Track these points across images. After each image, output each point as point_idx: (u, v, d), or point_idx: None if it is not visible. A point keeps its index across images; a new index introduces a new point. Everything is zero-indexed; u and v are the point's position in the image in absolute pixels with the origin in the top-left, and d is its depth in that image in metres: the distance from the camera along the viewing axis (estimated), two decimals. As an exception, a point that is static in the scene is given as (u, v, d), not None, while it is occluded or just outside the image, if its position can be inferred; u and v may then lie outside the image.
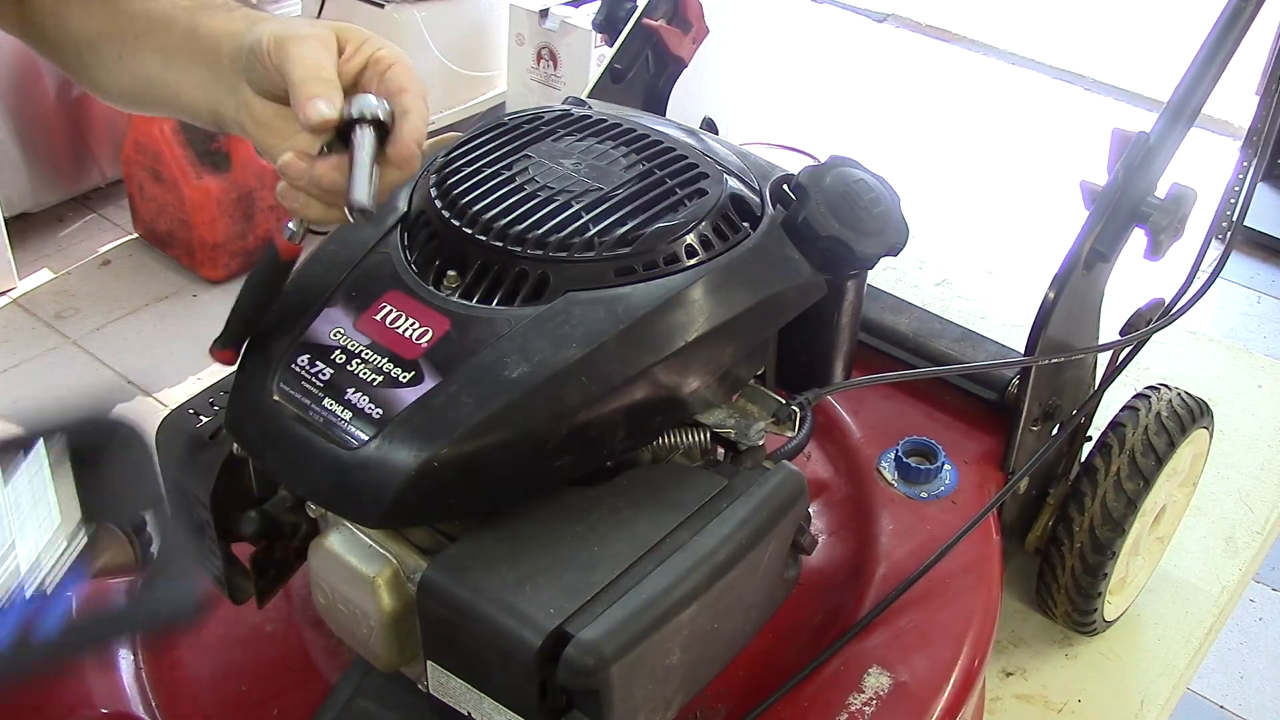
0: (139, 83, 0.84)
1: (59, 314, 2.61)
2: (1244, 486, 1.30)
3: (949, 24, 3.99)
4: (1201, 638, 1.14)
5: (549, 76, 2.80)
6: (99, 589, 0.92)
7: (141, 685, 0.86)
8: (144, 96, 0.85)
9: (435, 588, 0.67)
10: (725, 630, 0.72)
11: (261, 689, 0.85)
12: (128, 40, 0.83)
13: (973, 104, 3.60)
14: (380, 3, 2.72)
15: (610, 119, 0.84)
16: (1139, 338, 1.02)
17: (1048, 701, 1.06)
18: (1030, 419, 1.00)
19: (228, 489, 0.77)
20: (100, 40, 0.84)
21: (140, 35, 0.82)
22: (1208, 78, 0.96)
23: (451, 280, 0.74)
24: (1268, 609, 2.09)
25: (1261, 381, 1.44)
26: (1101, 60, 3.74)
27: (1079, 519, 1.03)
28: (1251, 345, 2.12)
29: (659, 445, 0.78)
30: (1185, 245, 0.99)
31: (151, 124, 2.60)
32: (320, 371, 0.71)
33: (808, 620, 0.90)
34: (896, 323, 1.12)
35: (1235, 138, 3.21)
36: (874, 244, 0.81)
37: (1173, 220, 0.95)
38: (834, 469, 1.03)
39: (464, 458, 0.67)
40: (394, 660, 0.73)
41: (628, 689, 0.64)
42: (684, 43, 1.26)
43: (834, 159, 0.84)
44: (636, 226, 0.75)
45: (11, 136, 2.73)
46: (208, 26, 0.79)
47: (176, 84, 0.81)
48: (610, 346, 0.70)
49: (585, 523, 0.70)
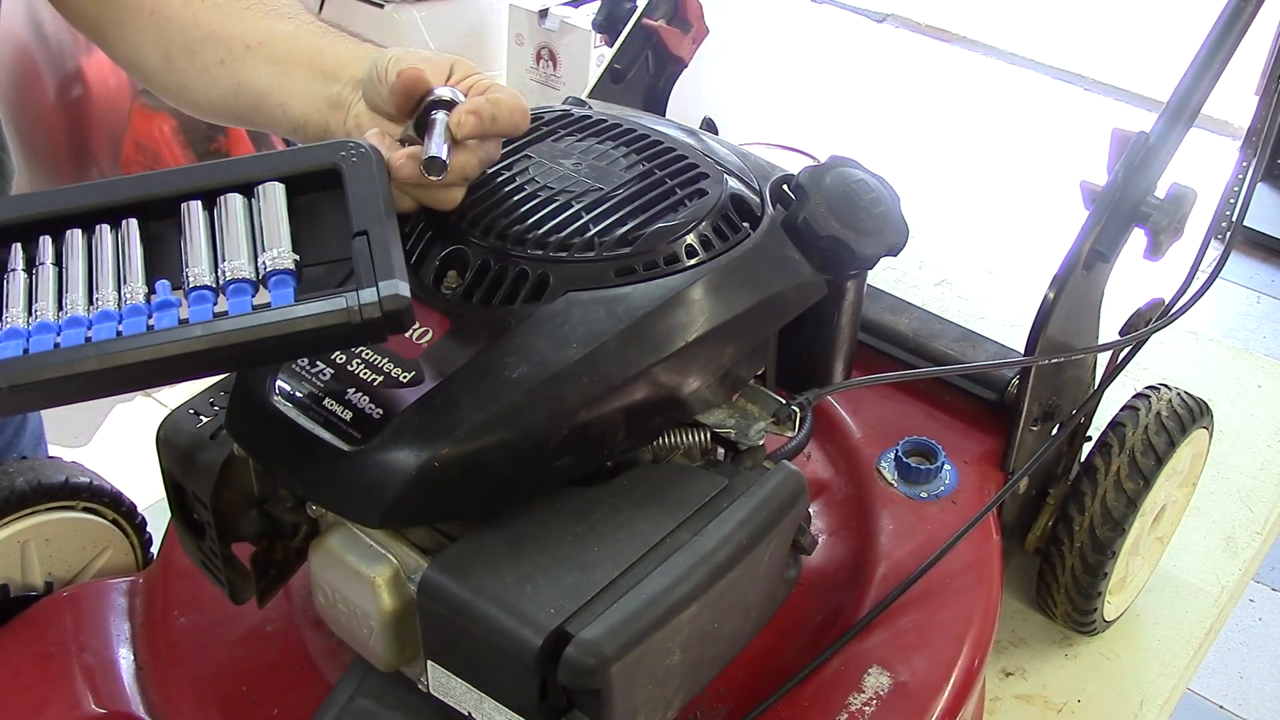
0: (241, 92, 0.85)
1: (59, 314, 2.61)
2: (1244, 486, 1.30)
3: (949, 24, 3.99)
4: (1201, 638, 1.14)
5: (549, 77, 2.80)
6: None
7: (141, 685, 0.86)
8: (239, 105, 0.86)
9: (435, 588, 0.67)
10: (726, 630, 0.72)
11: (261, 689, 0.85)
12: (237, 48, 0.85)
13: (973, 104, 3.60)
14: (380, 3, 2.72)
15: (610, 119, 0.84)
16: (1139, 338, 1.02)
17: (1048, 701, 1.06)
18: (1030, 419, 1.00)
19: (228, 489, 0.77)
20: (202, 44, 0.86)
21: (254, 46, 0.84)
22: (1208, 78, 0.96)
23: (451, 280, 0.74)
24: (1268, 609, 2.09)
25: (1261, 381, 1.44)
26: (1101, 60, 3.75)
27: (1079, 519, 1.03)
28: (1251, 345, 2.12)
29: (659, 445, 0.78)
30: (1185, 245, 0.99)
31: (151, 124, 2.60)
32: (320, 371, 0.71)
33: (808, 620, 0.90)
34: (896, 323, 1.12)
35: (1235, 138, 3.21)
36: (874, 244, 0.81)
37: (1173, 220, 0.95)
38: (834, 469, 1.03)
39: (464, 458, 0.68)
40: (394, 660, 0.73)
41: (628, 689, 0.64)
42: (684, 43, 1.26)
43: (834, 159, 0.84)
44: (637, 226, 0.75)
45: (12, 136, 2.72)
46: (335, 50, 0.82)
47: (288, 96, 0.83)
48: (610, 346, 0.71)
49: (586, 523, 0.70)
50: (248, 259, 0.64)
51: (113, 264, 0.65)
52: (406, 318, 0.63)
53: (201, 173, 0.68)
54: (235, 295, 0.63)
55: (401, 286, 0.62)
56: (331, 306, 0.62)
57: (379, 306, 0.62)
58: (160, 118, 2.61)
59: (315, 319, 0.61)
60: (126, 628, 0.90)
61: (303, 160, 0.69)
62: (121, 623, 0.90)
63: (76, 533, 0.95)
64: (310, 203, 0.68)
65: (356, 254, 0.64)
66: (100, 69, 2.83)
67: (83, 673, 0.86)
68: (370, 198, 0.66)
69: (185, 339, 0.60)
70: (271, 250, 0.65)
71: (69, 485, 0.93)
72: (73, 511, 0.94)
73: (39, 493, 0.91)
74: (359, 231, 0.65)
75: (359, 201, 0.66)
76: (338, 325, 0.62)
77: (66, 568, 0.95)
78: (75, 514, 0.94)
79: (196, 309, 0.62)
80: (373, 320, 0.62)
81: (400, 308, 0.62)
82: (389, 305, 0.62)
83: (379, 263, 0.63)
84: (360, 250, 0.64)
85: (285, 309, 0.62)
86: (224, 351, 0.61)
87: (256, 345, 0.61)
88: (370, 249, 0.64)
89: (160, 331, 0.61)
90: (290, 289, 0.63)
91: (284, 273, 0.64)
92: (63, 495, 0.92)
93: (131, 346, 0.60)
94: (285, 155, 0.69)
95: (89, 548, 0.96)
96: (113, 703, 0.85)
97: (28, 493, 0.90)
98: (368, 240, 0.64)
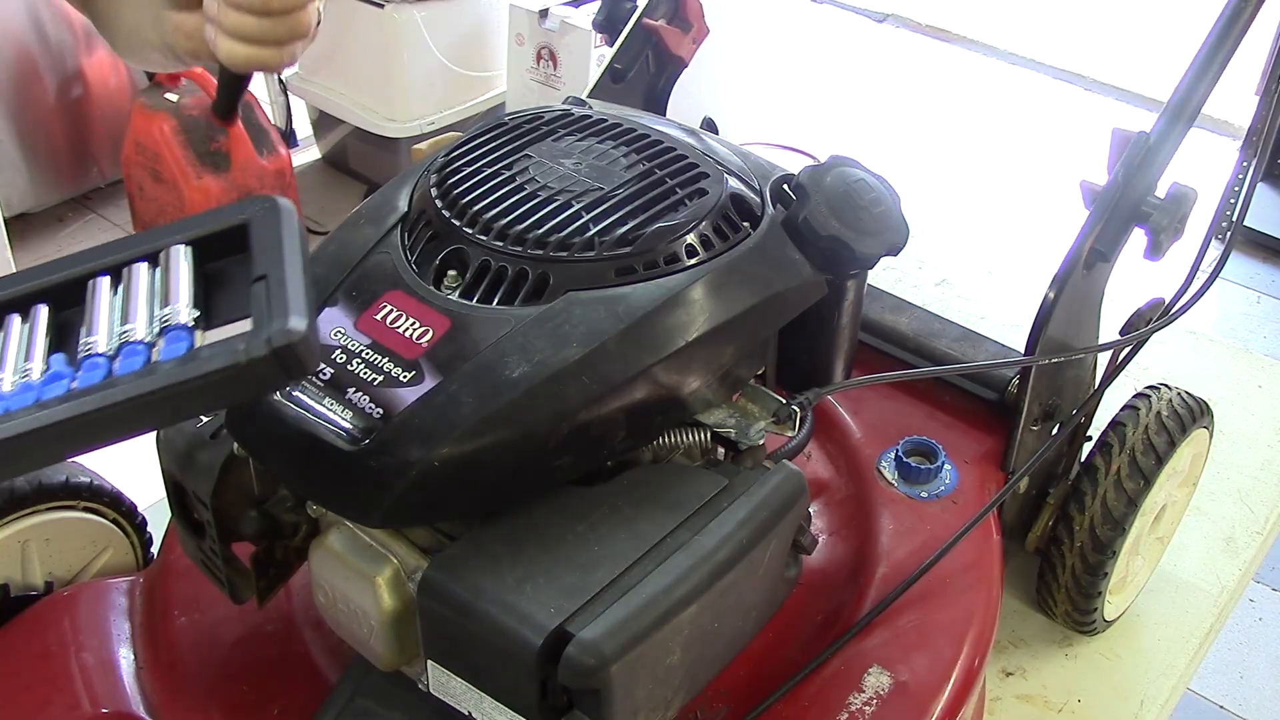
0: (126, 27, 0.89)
1: (59, 314, 2.60)
2: (1244, 486, 1.30)
3: (949, 24, 3.99)
4: (1201, 638, 1.14)
5: (549, 76, 2.80)
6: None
7: (141, 685, 0.86)
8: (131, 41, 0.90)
9: (436, 587, 0.67)
10: (726, 630, 0.72)
11: (261, 689, 0.85)
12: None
13: (973, 104, 3.60)
14: (380, 3, 2.72)
15: (610, 119, 0.84)
16: (1139, 338, 1.02)
17: (1048, 701, 1.06)
18: (1030, 419, 1.00)
19: (228, 489, 0.77)
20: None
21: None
22: (1208, 78, 0.96)
23: (452, 280, 0.74)
24: (1268, 609, 2.09)
25: (1261, 381, 1.44)
26: (1101, 60, 3.75)
27: (1079, 518, 1.03)
28: (1251, 345, 2.12)
29: (659, 445, 0.78)
30: (1185, 245, 0.99)
31: (151, 124, 2.60)
32: (320, 371, 0.71)
33: (808, 620, 0.90)
34: (896, 323, 1.12)
35: (1235, 138, 3.21)
36: (874, 244, 0.81)
37: (1173, 220, 0.95)
38: (834, 469, 1.03)
39: (464, 457, 0.67)
40: (394, 660, 0.73)
41: (628, 688, 0.64)
42: (684, 43, 1.26)
43: (834, 159, 0.84)
44: (637, 226, 0.75)
45: (11, 136, 2.73)
46: None
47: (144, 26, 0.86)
48: (611, 346, 0.71)
49: (586, 522, 0.70)
50: (145, 322, 0.62)
51: (16, 350, 0.63)
52: (305, 355, 0.58)
53: (110, 249, 0.67)
54: (127, 358, 0.60)
55: (295, 321, 0.58)
56: (220, 352, 0.58)
57: (267, 344, 0.57)
58: (160, 117, 2.61)
59: (203, 366, 0.57)
60: (126, 627, 0.90)
61: (211, 222, 0.67)
62: (121, 622, 0.90)
63: (77, 532, 0.95)
64: (224, 266, 0.66)
65: (254, 300, 0.61)
66: (100, 69, 2.84)
67: (83, 673, 0.86)
68: (273, 244, 0.63)
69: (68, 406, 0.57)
70: (168, 308, 0.62)
71: (69, 485, 0.93)
72: (73, 511, 0.94)
73: (39, 493, 0.91)
74: (258, 276, 0.62)
75: (262, 249, 0.64)
76: (227, 370, 0.57)
77: (67, 567, 0.96)
78: (75, 514, 0.94)
79: (87, 376, 0.59)
80: (260, 361, 0.57)
81: (290, 341, 0.57)
82: (277, 341, 0.57)
83: (274, 303, 0.59)
84: (258, 295, 0.61)
85: (174, 363, 0.59)
86: (111, 415, 0.57)
87: (146, 404, 0.58)
88: (267, 291, 0.60)
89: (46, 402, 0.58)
90: (184, 343, 0.60)
91: (178, 328, 0.61)
92: (63, 495, 0.93)
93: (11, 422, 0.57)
94: (194, 220, 0.67)
95: (89, 547, 0.97)
96: (113, 703, 0.85)
97: (28, 493, 0.90)
98: (266, 284, 0.61)
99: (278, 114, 3.07)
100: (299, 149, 3.18)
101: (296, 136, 3.19)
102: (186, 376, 0.57)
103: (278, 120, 3.06)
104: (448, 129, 2.88)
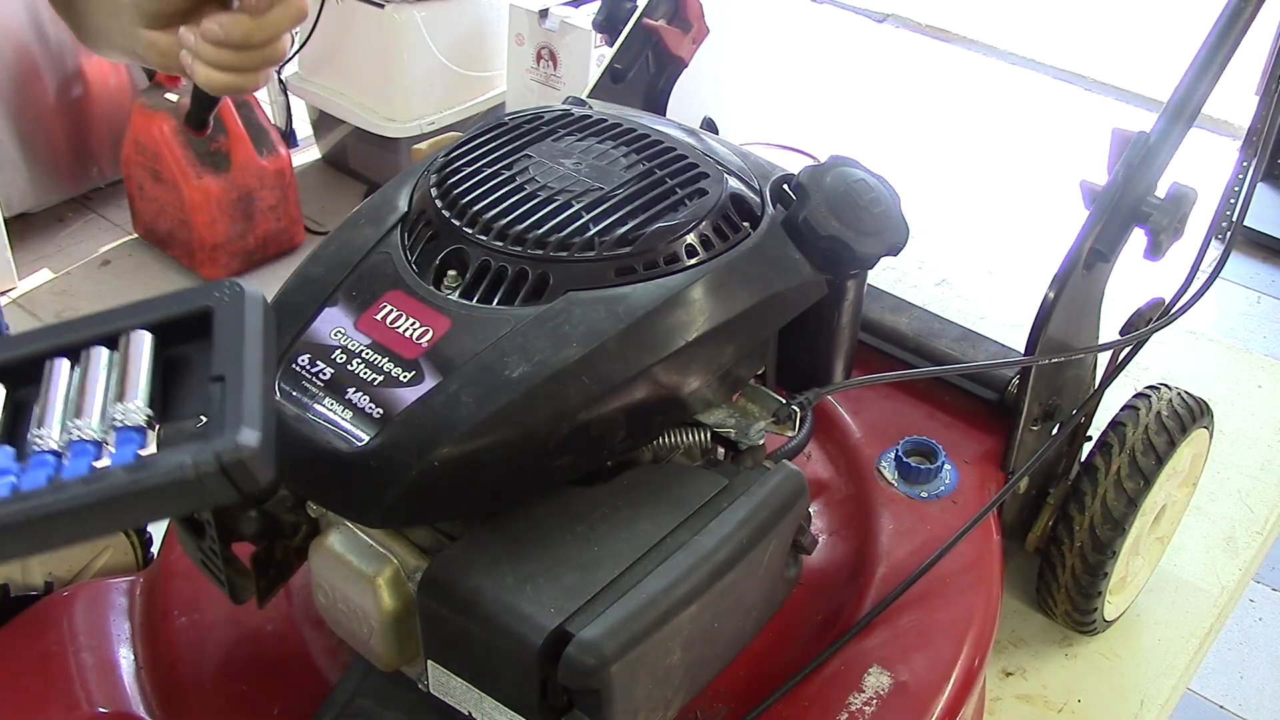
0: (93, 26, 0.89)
1: (59, 314, 2.61)
2: (1244, 486, 1.30)
3: (949, 24, 3.99)
4: (1201, 638, 1.14)
5: (549, 76, 2.80)
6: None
7: (141, 685, 0.86)
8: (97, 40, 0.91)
9: (436, 587, 0.67)
10: (726, 630, 0.72)
11: (261, 689, 0.85)
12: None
13: (973, 104, 3.60)
14: (380, 3, 2.72)
15: (610, 119, 0.84)
16: (1139, 338, 1.02)
17: (1048, 701, 1.06)
18: (1030, 419, 1.00)
19: (228, 489, 0.77)
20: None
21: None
22: (1208, 78, 0.96)
23: (452, 280, 0.74)
24: (1268, 609, 2.09)
25: (1261, 381, 1.44)
26: (1101, 60, 3.75)
27: (1079, 518, 1.03)
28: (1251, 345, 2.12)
29: (659, 445, 0.78)
30: (1185, 245, 1.00)
31: (151, 124, 2.60)
32: (321, 371, 0.71)
33: (808, 620, 0.90)
34: (896, 323, 1.12)
35: (1235, 138, 3.21)
36: (874, 244, 0.81)
37: (1173, 220, 0.95)
38: (834, 469, 1.03)
39: (464, 457, 0.67)
40: (394, 660, 0.73)
41: (628, 688, 0.64)
42: (684, 43, 1.26)
43: (834, 159, 0.84)
44: (637, 226, 0.75)
45: (11, 136, 2.73)
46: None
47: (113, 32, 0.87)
48: (611, 346, 0.71)
49: (586, 522, 0.70)
50: (98, 418, 0.58)
51: None
52: (257, 469, 0.55)
53: (69, 328, 0.63)
54: (76, 457, 0.56)
55: (248, 436, 0.54)
56: (169, 465, 0.54)
57: (215, 460, 0.54)
58: (160, 118, 2.62)
59: (151, 479, 0.54)
60: (126, 628, 0.90)
61: (174, 306, 0.63)
62: (121, 623, 0.90)
63: (76, 533, 0.95)
64: (184, 353, 0.62)
65: (210, 402, 0.57)
66: (100, 69, 2.84)
67: (82, 673, 0.86)
68: (234, 339, 0.60)
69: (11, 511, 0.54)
70: (123, 405, 0.58)
71: (69, 485, 0.93)
72: (73, 511, 0.93)
73: (39, 492, 0.91)
74: (216, 376, 0.58)
75: (222, 344, 0.60)
76: (174, 485, 0.54)
77: (66, 568, 0.95)
78: (75, 514, 0.94)
79: (32, 475, 0.56)
80: (209, 476, 0.54)
81: (241, 458, 0.54)
82: (226, 459, 0.54)
83: (229, 410, 0.56)
84: (214, 398, 0.57)
85: (122, 470, 0.55)
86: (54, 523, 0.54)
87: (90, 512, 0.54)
88: (223, 395, 0.57)
89: None
90: (134, 447, 0.56)
91: (131, 430, 0.57)
92: (63, 495, 0.92)
93: None
94: (159, 301, 0.64)
95: (89, 548, 0.97)
96: (113, 703, 0.85)
97: (28, 493, 0.90)
98: (223, 386, 0.58)
99: (278, 114, 3.07)
100: (299, 149, 3.18)
101: (296, 136, 3.19)
102: (133, 489, 0.54)
103: (278, 120, 3.06)
104: (448, 129, 2.88)
